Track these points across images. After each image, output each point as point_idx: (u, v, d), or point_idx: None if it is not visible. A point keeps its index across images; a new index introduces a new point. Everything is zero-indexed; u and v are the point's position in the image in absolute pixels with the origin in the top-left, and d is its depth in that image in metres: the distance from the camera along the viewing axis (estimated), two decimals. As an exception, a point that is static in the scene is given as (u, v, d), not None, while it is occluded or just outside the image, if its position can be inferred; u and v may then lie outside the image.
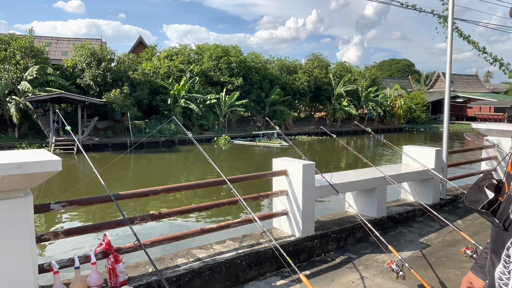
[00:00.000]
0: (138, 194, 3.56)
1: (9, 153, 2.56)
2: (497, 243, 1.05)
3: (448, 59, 6.09)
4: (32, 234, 2.57)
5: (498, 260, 1.03)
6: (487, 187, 1.15)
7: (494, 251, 1.07)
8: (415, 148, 6.24)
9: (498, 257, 1.04)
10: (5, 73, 22.46)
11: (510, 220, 0.99)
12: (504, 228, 1.02)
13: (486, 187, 1.15)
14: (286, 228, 4.46)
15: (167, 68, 30.27)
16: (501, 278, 1.02)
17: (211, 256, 3.74)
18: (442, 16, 7.19)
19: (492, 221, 1.05)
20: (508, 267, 1.00)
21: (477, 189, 1.17)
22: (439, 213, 5.11)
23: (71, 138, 21.49)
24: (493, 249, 1.08)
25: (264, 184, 7.26)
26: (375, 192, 5.18)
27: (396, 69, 73.19)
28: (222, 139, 27.24)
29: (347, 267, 4.15)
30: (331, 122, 36.58)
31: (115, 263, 3.12)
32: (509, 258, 1.00)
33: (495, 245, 1.07)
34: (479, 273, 1.47)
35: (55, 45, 32.82)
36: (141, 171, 18.40)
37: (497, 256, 1.04)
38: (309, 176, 4.25)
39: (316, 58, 37.75)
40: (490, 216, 1.06)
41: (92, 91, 25.47)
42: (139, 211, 10.09)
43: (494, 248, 1.07)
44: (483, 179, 1.18)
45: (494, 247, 1.07)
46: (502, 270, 1.02)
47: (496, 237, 1.07)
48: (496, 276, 1.03)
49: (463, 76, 57.87)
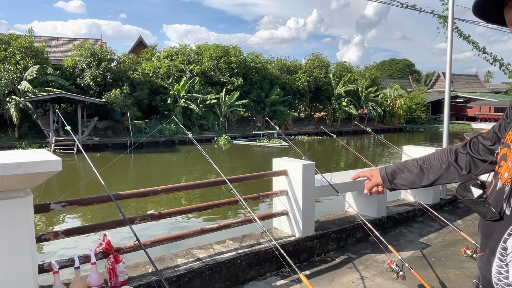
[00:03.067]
0: (138, 194, 3.56)
1: (9, 153, 2.56)
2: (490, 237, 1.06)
3: (448, 59, 6.09)
4: (32, 234, 2.56)
5: (493, 255, 1.03)
6: (472, 186, 1.20)
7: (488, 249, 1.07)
8: (415, 148, 6.24)
9: (493, 252, 1.03)
10: (5, 73, 22.46)
11: (505, 211, 1.01)
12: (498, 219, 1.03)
13: (472, 185, 1.20)
14: (286, 228, 4.46)
15: (167, 68, 30.27)
16: (500, 272, 1.01)
17: (211, 256, 3.74)
18: (442, 16, 7.19)
19: (487, 211, 1.06)
20: (506, 260, 0.99)
21: (463, 188, 1.22)
22: (439, 213, 5.11)
23: (71, 138, 21.49)
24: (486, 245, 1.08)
25: (264, 184, 7.26)
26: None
27: (396, 69, 73.20)
28: (222, 139, 27.24)
29: (347, 267, 4.15)
30: (331, 122, 36.58)
31: (115, 263, 3.12)
32: (506, 250, 0.99)
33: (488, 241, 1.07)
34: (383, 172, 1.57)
35: (55, 45, 32.81)
36: (141, 171, 18.39)
37: (492, 251, 1.04)
38: (309, 176, 4.25)
39: (316, 58, 37.76)
40: (485, 206, 1.07)
41: (92, 91, 25.47)
42: (139, 211, 10.09)
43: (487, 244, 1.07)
44: (468, 179, 1.23)
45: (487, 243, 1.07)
46: (500, 264, 1.01)
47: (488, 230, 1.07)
48: (494, 271, 1.03)
49: (463, 76, 57.87)
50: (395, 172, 1.55)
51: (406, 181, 1.53)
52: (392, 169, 1.57)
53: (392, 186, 1.57)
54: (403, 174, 1.53)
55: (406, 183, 1.53)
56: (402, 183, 1.54)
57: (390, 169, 1.58)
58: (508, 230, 1.00)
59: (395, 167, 1.57)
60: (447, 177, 1.45)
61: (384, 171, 1.58)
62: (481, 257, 1.11)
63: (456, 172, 1.43)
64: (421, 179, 1.50)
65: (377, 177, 1.60)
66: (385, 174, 1.57)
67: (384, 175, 1.57)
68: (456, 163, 1.43)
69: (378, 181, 1.60)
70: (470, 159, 1.39)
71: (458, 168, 1.42)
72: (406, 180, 1.53)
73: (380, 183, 1.60)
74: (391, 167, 1.59)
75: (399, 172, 1.54)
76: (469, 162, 1.40)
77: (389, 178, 1.57)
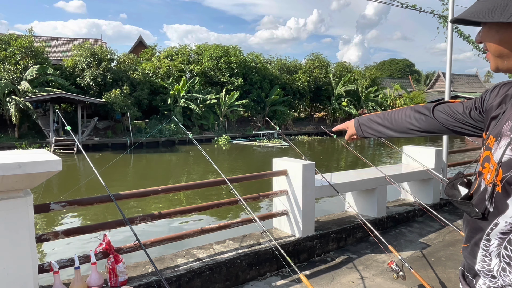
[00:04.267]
0: (138, 194, 3.56)
1: (9, 153, 2.56)
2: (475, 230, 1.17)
3: (448, 59, 6.09)
4: (32, 234, 2.56)
5: (478, 246, 1.16)
6: (459, 184, 1.31)
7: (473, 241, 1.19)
8: (415, 148, 6.24)
9: (477, 243, 1.16)
10: (5, 73, 22.45)
11: (489, 210, 1.12)
12: (482, 218, 1.14)
13: (459, 184, 1.31)
14: (286, 228, 4.46)
15: (167, 68, 30.26)
16: (484, 260, 1.13)
17: (211, 256, 3.74)
18: (442, 16, 7.19)
19: (472, 211, 1.17)
20: (489, 249, 1.11)
21: (451, 186, 1.33)
22: (439, 213, 5.11)
23: (71, 138, 21.49)
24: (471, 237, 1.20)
25: (264, 184, 7.27)
26: (375, 192, 5.18)
27: (396, 69, 73.16)
28: (222, 139, 27.24)
29: (347, 267, 4.15)
30: (331, 122, 36.56)
31: (115, 263, 3.12)
32: (489, 242, 1.11)
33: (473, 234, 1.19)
34: (357, 123, 1.79)
35: (55, 45, 32.81)
36: (141, 171, 18.39)
37: (476, 243, 1.16)
38: (309, 176, 4.25)
39: (316, 58, 37.75)
40: (470, 206, 1.18)
41: (92, 91, 25.47)
42: (139, 211, 10.09)
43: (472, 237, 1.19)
44: (455, 178, 1.34)
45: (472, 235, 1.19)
46: (484, 253, 1.13)
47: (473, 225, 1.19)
48: (479, 259, 1.15)
49: (463, 76, 57.84)
50: (365, 122, 1.78)
51: (373, 131, 1.74)
52: (363, 119, 1.79)
53: (363, 135, 1.79)
54: (371, 124, 1.74)
55: (373, 133, 1.75)
56: (371, 133, 1.75)
57: (362, 119, 1.79)
58: (491, 225, 1.11)
59: (366, 118, 1.79)
60: (407, 132, 1.60)
61: (357, 122, 1.80)
62: (465, 247, 1.23)
63: (415, 129, 1.55)
64: (385, 131, 1.69)
65: (352, 128, 1.84)
66: (358, 124, 1.80)
67: (357, 125, 1.80)
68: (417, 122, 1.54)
69: (353, 131, 1.83)
70: (432, 122, 1.48)
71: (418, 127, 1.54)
72: (373, 130, 1.74)
73: (354, 133, 1.83)
74: (363, 117, 1.81)
75: (368, 122, 1.76)
76: (430, 124, 1.49)
77: (361, 128, 1.79)
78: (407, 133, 1.60)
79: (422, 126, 1.52)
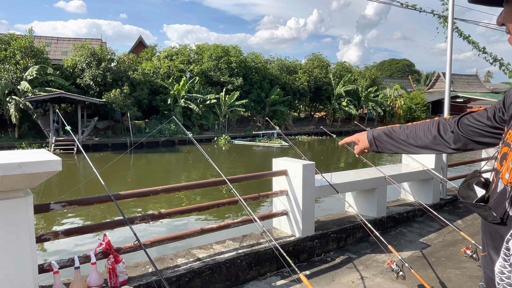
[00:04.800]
0: (138, 194, 3.56)
1: (9, 153, 2.56)
2: (494, 237, 1.04)
3: (448, 59, 6.09)
4: (32, 234, 2.56)
5: (497, 255, 1.02)
6: (476, 184, 1.16)
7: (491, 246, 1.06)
8: (415, 148, 6.22)
9: (497, 252, 1.03)
10: (5, 73, 22.45)
11: (508, 214, 0.99)
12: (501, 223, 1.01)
13: (475, 184, 1.16)
14: (286, 228, 4.46)
15: (167, 68, 30.26)
16: (502, 272, 1.01)
17: (211, 256, 3.74)
18: (442, 16, 7.19)
19: (489, 215, 1.04)
20: (509, 260, 0.99)
21: (466, 186, 1.19)
22: (439, 213, 5.11)
23: (71, 138, 21.48)
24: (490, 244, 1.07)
25: (264, 184, 7.26)
26: (375, 192, 5.18)
27: (396, 69, 73.17)
28: (222, 139, 27.24)
29: (347, 267, 4.15)
30: (331, 122, 36.57)
31: (115, 263, 3.12)
32: (509, 250, 0.99)
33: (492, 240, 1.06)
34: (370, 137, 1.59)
35: (55, 45, 32.80)
36: (141, 171, 18.39)
37: (495, 251, 1.03)
38: (309, 176, 4.25)
39: (316, 58, 37.75)
40: (486, 210, 1.04)
41: (92, 91, 25.46)
42: (139, 211, 10.09)
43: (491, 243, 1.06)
44: (471, 177, 1.20)
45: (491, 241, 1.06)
46: (503, 264, 1.00)
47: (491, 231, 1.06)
48: (497, 271, 1.02)
49: (463, 76, 57.83)
50: (381, 137, 1.57)
51: (392, 146, 1.54)
52: (378, 134, 1.59)
53: (378, 150, 1.60)
54: (390, 140, 1.55)
55: (392, 149, 1.55)
56: (388, 148, 1.56)
57: (377, 133, 1.59)
58: (511, 231, 0.98)
59: (382, 133, 1.58)
60: (433, 149, 1.46)
61: (371, 136, 1.60)
62: (484, 256, 1.10)
63: (443, 146, 1.42)
64: (406, 148, 1.51)
65: (364, 142, 1.64)
66: (372, 138, 1.60)
67: (371, 139, 1.60)
68: (442, 138, 1.42)
69: (366, 145, 1.63)
70: (459, 137, 1.37)
71: (446, 143, 1.41)
72: (392, 146, 1.54)
73: (367, 147, 1.63)
74: (378, 131, 1.60)
75: (385, 137, 1.56)
76: (457, 139, 1.38)
77: (376, 143, 1.59)
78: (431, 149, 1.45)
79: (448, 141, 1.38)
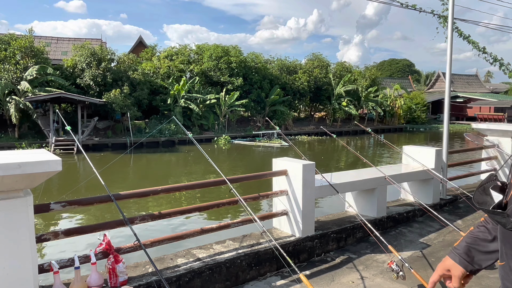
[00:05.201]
0: (138, 194, 3.57)
1: (9, 153, 2.56)
2: None
3: (448, 59, 6.09)
4: (32, 234, 2.56)
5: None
6: (492, 189, 1.11)
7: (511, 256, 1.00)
8: (415, 148, 6.23)
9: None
10: (5, 73, 22.45)
11: None
12: None
13: (491, 188, 1.11)
14: (286, 228, 4.46)
15: (167, 68, 30.27)
16: None
17: (211, 256, 3.74)
18: (442, 16, 7.18)
19: (507, 222, 0.98)
20: None
21: (482, 191, 1.13)
22: (439, 213, 5.11)
23: (71, 138, 21.48)
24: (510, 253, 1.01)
25: (264, 184, 7.26)
26: (375, 192, 5.18)
27: (396, 69, 73.17)
28: (222, 139, 27.24)
29: (347, 267, 4.15)
30: (331, 122, 36.57)
31: (115, 263, 3.12)
32: None
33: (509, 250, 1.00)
34: (458, 259, 1.37)
35: (55, 45, 32.81)
36: (141, 171, 18.39)
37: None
38: (309, 176, 4.25)
39: (316, 58, 37.78)
40: (505, 217, 0.98)
41: (92, 91, 25.47)
42: (139, 211, 10.09)
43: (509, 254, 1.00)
44: (487, 180, 1.14)
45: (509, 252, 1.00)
46: None
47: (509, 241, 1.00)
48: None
49: (463, 76, 57.85)
50: (470, 251, 1.32)
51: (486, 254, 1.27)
52: (463, 250, 1.33)
53: (476, 267, 1.32)
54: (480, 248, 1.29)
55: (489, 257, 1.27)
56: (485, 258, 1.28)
57: (462, 250, 1.33)
58: None
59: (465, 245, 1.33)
60: None
61: (458, 257, 1.34)
62: (503, 266, 1.04)
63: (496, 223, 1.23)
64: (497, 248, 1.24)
65: (456, 269, 1.35)
66: (461, 259, 1.34)
67: (462, 260, 1.34)
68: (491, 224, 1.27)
69: (461, 271, 1.34)
70: None
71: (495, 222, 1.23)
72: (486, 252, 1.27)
73: (463, 272, 1.34)
74: (458, 249, 1.36)
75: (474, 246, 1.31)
76: None
77: (468, 260, 1.33)
78: None
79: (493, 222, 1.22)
